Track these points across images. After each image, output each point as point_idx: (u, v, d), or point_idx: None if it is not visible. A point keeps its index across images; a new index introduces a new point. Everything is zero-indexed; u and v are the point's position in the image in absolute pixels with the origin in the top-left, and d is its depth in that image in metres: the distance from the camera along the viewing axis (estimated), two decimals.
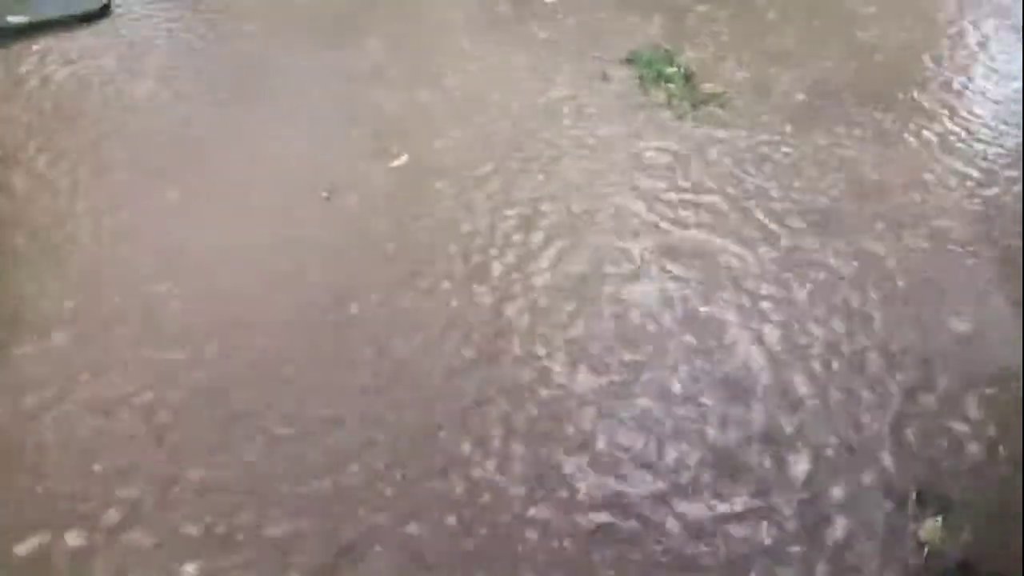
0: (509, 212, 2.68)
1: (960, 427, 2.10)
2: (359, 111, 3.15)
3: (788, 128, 3.09)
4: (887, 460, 2.03)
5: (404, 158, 2.91)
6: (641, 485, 1.95)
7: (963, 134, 3.07)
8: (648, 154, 2.95)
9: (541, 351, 2.24)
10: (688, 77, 3.37)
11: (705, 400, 2.14)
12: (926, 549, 1.88)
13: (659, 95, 3.27)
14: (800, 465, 2.01)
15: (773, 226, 2.65)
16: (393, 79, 3.35)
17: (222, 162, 2.89)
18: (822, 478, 1.99)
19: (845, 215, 2.70)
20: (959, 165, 2.92)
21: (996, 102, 3.25)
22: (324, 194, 2.75)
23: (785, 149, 2.99)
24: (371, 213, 2.67)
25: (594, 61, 3.45)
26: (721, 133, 3.06)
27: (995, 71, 3.44)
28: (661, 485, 1.96)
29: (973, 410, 2.14)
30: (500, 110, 3.16)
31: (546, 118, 3.12)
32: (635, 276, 2.47)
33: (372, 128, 3.06)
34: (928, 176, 2.87)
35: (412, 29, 3.71)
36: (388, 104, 3.20)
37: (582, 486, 1.94)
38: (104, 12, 3.63)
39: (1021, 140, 3.03)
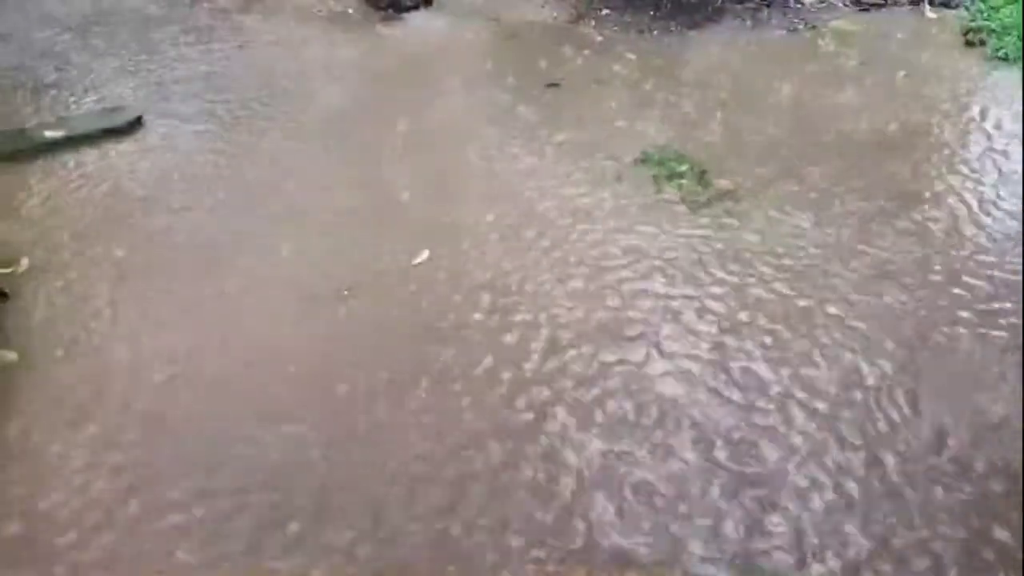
0: (535, 317, 2.70)
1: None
2: (379, 213, 3.23)
3: (803, 223, 3.12)
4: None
5: (425, 254, 2.95)
6: None
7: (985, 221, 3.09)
8: (667, 252, 2.98)
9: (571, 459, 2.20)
10: (701, 175, 3.44)
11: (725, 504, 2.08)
12: None
13: (673, 193, 3.33)
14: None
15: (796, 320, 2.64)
16: (414, 178, 3.44)
17: (241, 268, 2.95)
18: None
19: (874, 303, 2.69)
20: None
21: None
22: (345, 292, 2.78)
23: (800, 243, 3.01)
24: (390, 314, 2.70)
25: (608, 162, 3.53)
26: (736, 229, 3.09)
27: (999, 153, 3.48)
28: None
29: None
30: (520, 208, 3.22)
31: (567, 219, 3.16)
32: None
33: (394, 229, 3.12)
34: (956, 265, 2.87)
35: (439, 129, 3.83)
36: (412, 204, 3.27)
37: None
38: (135, 126, 3.78)
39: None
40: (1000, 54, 4.25)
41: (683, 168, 3.47)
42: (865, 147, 3.60)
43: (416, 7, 4.96)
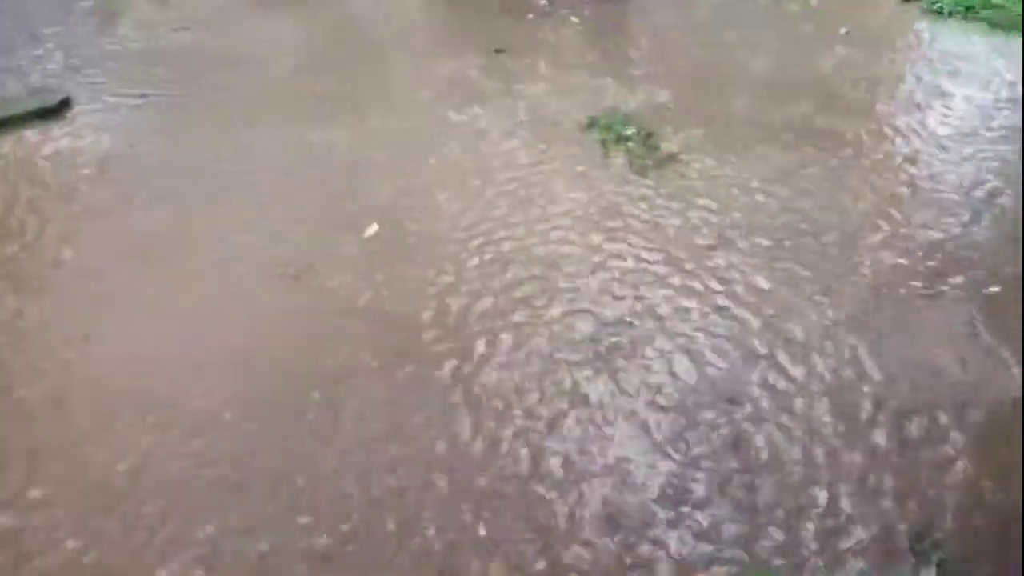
0: (488, 282, 2.67)
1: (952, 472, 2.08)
2: (328, 186, 3.16)
3: (745, 177, 3.15)
4: (879, 508, 1.99)
5: (375, 227, 2.90)
6: None
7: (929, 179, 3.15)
8: (608, 210, 2.98)
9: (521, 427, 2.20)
10: (647, 138, 3.44)
11: (694, 450, 2.11)
12: None
13: (619, 157, 3.32)
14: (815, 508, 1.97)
15: (738, 275, 2.67)
16: (365, 150, 3.38)
17: (189, 249, 2.86)
18: (817, 526, 1.95)
19: (813, 257, 2.74)
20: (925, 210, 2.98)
21: (961, 145, 3.35)
22: (291, 272, 2.72)
23: (734, 206, 3.03)
24: (344, 288, 2.65)
25: (556, 127, 3.51)
26: (680, 191, 3.11)
27: (951, 119, 3.54)
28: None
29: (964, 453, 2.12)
30: (468, 176, 3.18)
31: (513, 185, 3.14)
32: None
33: (343, 202, 3.07)
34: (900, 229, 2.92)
35: (386, 103, 3.76)
36: (360, 176, 3.21)
37: None
38: (64, 107, 3.63)
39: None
40: (934, 7, 4.31)
41: (630, 132, 3.47)
42: (810, 105, 3.63)
43: None
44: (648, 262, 2.75)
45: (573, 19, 4.42)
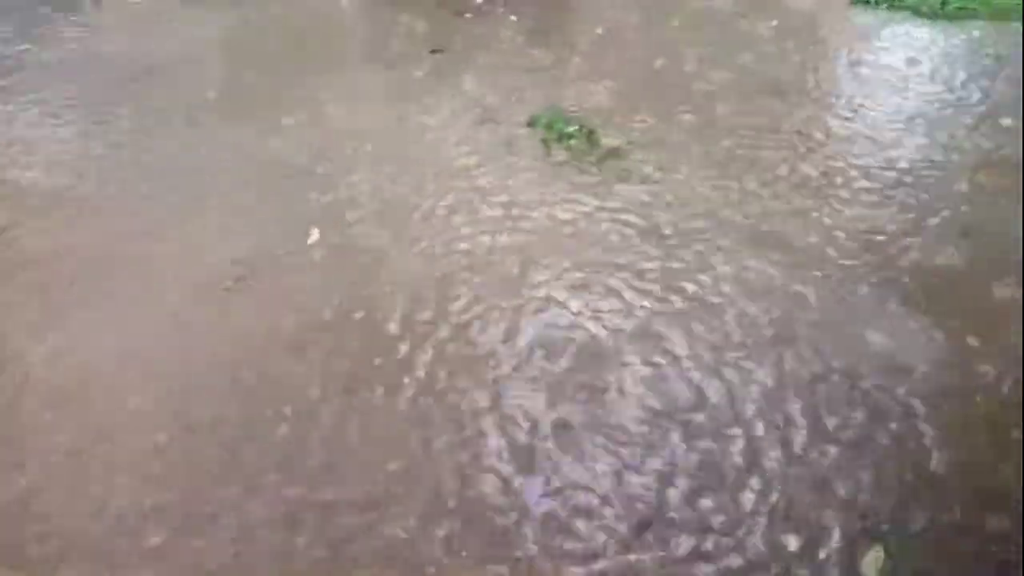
0: (426, 292, 2.65)
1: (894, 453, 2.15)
2: (267, 192, 3.09)
3: (687, 172, 3.19)
4: (821, 492, 2.05)
5: (316, 233, 2.86)
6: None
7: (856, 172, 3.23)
8: (555, 211, 2.99)
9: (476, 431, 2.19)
10: (589, 134, 3.45)
11: (632, 428, 2.13)
12: None
13: (561, 154, 3.33)
14: (744, 495, 2.01)
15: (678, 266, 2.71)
16: (301, 154, 3.32)
17: (119, 264, 2.77)
18: (757, 512, 1.99)
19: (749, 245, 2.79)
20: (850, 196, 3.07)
21: (885, 130, 3.44)
22: (228, 283, 2.65)
23: (678, 198, 3.07)
24: (284, 297, 2.60)
25: (497, 127, 3.50)
26: (622, 185, 3.13)
27: (877, 105, 3.64)
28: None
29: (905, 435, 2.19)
30: (410, 179, 3.15)
31: (456, 185, 3.12)
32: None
33: (285, 207, 3.00)
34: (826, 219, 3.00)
35: (324, 101, 3.70)
36: (298, 181, 3.15)
37: None
38: None
39: None
40: None
41: (572, 129, 3.48)
42: (747, 95, 3.69)
43: None
44: (596, 265, 2.76)
45: (511, 17, 4.41)
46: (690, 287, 2.65)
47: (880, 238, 2.84)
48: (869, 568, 1.91)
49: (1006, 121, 3.48)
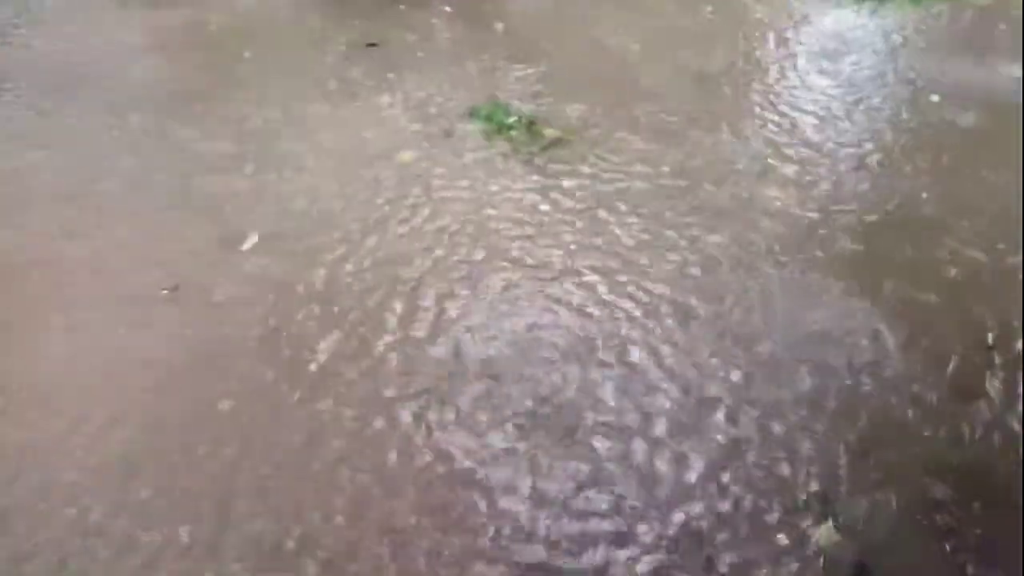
0: (371, 291, 2.60)
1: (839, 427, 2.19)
2: (203, 195, 2.99)
3: (625, 158, 3.19)
4: (772, 468, 2.07)
5: (254, 238, 2.77)
6: None
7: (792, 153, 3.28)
8: (499, 204, 2.97)
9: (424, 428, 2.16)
10: (530, 125, 3.43)
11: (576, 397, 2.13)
12: (823, 556, 1.92)
13: (503, 146, 3.30)
14: (691, 472, 2.02)
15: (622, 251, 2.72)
16: (239, 155, 3.22)
17: (41, 276, 2.64)
18: (708, 489, 2.00)
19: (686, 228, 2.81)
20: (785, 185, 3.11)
21: (820, 118, 3.50)
22: (164, 291, 2.55)
23: (621, 184, 3.08)
24: (224, 305, 2.51)
25: (436, 120, 3.45)
26: (565, 174, 3.12)
27: (816, 87, 3.70)
28: None
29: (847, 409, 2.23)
30: (348, 177, 3.09)
31: (395, 182, 3.07)
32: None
33: (220, 210, 2.91)
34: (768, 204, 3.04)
35: (259, 100, 3.60)
36: (235, 183, 3.06)
37: None
38: None
39: None
40: None
41: (512, 120, 3.45)
42: (686, 82, 3.72)
43: None
44: (543, 263, 2.75)
45: (447, 8, 4.35)
46: (633, 275, 2.65)
47: (814, 215, 2.89)
48: (823, 540, 1.94)
49: (934, 97, 3.58)
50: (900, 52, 3.93)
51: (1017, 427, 2.18)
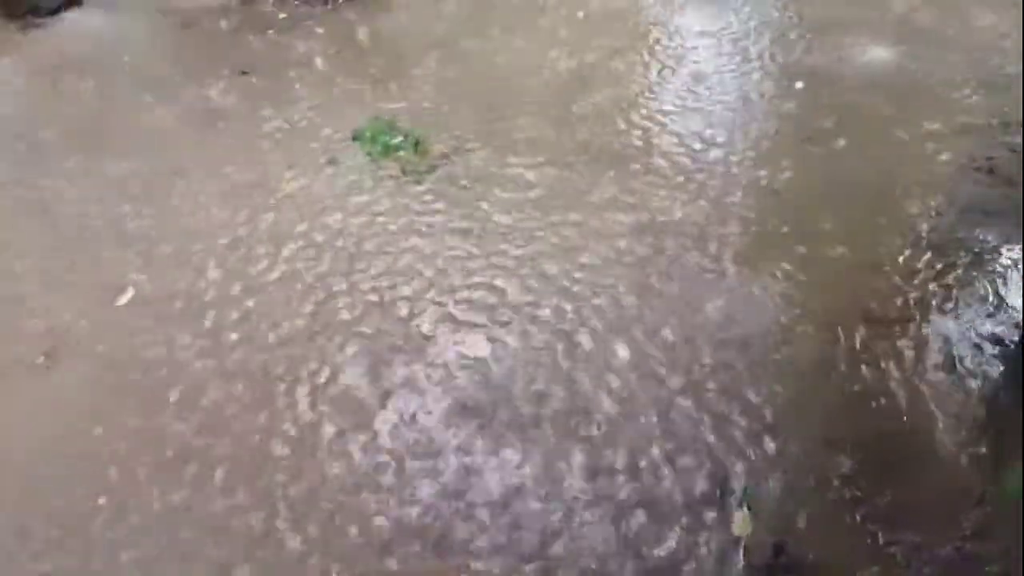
0: (251, 333, 2.49)
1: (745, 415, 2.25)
2: (72, 248, 2.80)
3: (520, 171, 3.20)
4: (680, 460, 2.11)
5: (130, 292, 2.61)
6: None
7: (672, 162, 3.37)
8: (391, 227, 2.91)
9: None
10: (416, 144, 3.38)
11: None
12: (742, 543, 1.96)
13: (391, 167, 3.24)
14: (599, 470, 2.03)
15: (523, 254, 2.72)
16: (112, 198, 3.04)
17: None
18: (617, 483, 2.02)
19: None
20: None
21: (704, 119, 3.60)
22: (40, 359, 2.37)
23: (515, 195, 3.08)
24: (101, 367, 2.35)
25: (318, 146, 3.36)
26: (457, 190, 3.10)
27: (693, 86, 3.81)
28: None
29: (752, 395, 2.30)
30: (230, 211, 2.96)
31: (287, 217, 2.96)
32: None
33: (93, 263, 2.73)
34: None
35: (124, 144, 3.39)
36: (106, 235, 2.87)
37: None
38: None
39: None
40: None
41: (397, 140, 3.39)
42: (560, 88, 3.75)
43: (59, 8, 4.31)
44: (444, 280, 2.71)
45: (318, 30, 4.24)
46: (534, 288, 2.66)
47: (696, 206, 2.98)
48: (739, 529, 1.99)
49: (798, 84, 3.76)
50: (773, 36, 4.10)
51: (903, 392, 2.31)
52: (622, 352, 2.42)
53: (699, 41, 4.09)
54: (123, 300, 2.56)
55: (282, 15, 4.40)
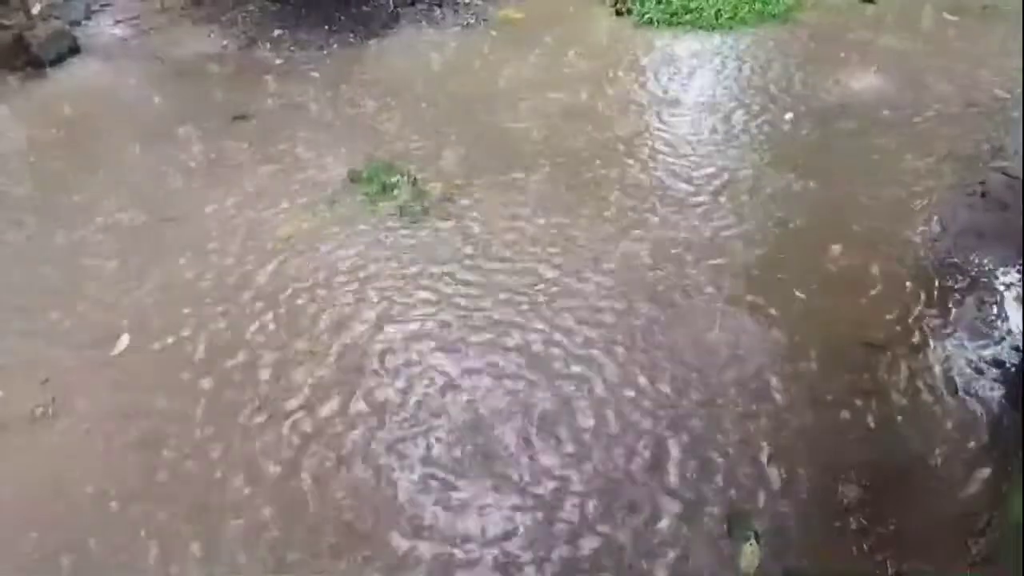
0: (252, 384, 2.49)
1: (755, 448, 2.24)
2: (69, 298, 2.80)
3: (516, 209, 3.22)
4: (687, 496, 2.10)
5: (125, 339, 2.61)
6: None
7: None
8: (391, 266, 2.93)
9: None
10: (413, 183, 3.41)
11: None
12: None
13: (389, 206, 3.27)
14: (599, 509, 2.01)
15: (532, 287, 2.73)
16: (112, 245, 3.07)
17: None
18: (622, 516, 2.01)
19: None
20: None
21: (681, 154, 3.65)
22: (40, 409, 2.37)
23: (517, 225, 3.11)
24: (101, 420, 2.34)
25: (316, 188, 3.39)
26: (457, 228, 3.12)
27: (680, 119, 3.86)
28: None
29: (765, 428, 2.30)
30: (231, 259, 2.97)
31: (287, 262, 2.97)
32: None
33: (92, 310, 2.74)
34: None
35: (130, 185, 3.44)
36: (104, 285, 2.88)
37: None
38: None
39: None
40: (645, 19, 4.73)
41: (395, 179, 3.42)
42: (555, 125, 3.80)
43: (60, 60, 4.38)
44: (459, 317, 2.72)
45: (313, 74, 4.31)
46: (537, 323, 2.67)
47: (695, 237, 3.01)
48: (746, 563, 1.97)
49: (787, 116, 3.81)
50: (752, 70, 4.16)
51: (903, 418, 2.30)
52: (617, 378, 2.42)
53: (698, 74, 4.17)
54: (118, 349, 2.56)
55: (278, 60, 4.48)
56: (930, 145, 3.51)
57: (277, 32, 4.73)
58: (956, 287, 2.76)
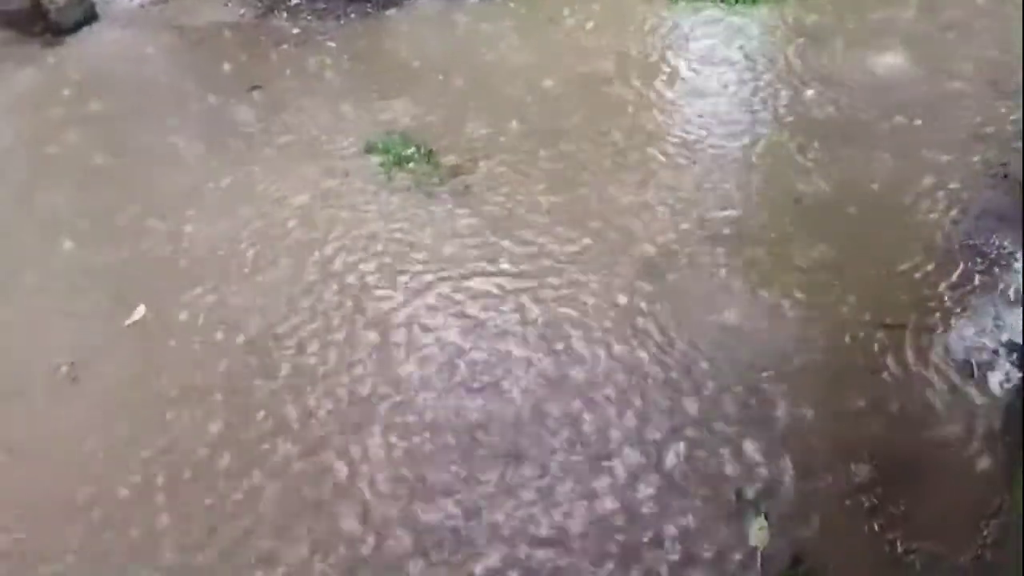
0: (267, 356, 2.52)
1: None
2: (86, 267, 2.83)
3: (532, 185, 3.21)
4: (696, 471, 2.11)
5: (141, 310, 2.63)
6: None
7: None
8: (408, 238, 2.93)
9: None
10: (429, 155, 3.40)
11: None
12: (759, 553, 1.96)
13: (404, 178, 3.26)
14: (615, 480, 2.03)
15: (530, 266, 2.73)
16: (129, 212, 3.09)
17: None
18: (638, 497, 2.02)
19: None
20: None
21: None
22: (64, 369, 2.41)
23: (524, 204, 3.10)
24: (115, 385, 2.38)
25: (332, 158, 3.39)
26: (471, 201, 3.11)
27: (700, 93, 3.81)
28: None
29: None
30: (247, 231, 2.99)
31: (302, 230, 2.99)
32: None
33: (110, 280, 2.76)
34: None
35: (146, 154, 3.45)
36: (123, 253, 2.91)
37: None
38: None
39: None
40: None
41: (410, 151, 3.41)
42: (570, 99, 3.75)
43: (78, 27, 4.38)
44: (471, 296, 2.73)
45: (329, 43, 4.28)
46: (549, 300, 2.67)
47: (721, 215, 2.98)
48: (756, 539, 1.98)
49: (808, 93, 3.75)
50: (771, 47, 4.10)
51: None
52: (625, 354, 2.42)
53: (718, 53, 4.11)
54: (132, 319, 2.59)
55: (295, 30, 4.45)
56: (952, 125, 3.45)
57: (294, 1, 4.69)
58: (975, 269, 2.73)
